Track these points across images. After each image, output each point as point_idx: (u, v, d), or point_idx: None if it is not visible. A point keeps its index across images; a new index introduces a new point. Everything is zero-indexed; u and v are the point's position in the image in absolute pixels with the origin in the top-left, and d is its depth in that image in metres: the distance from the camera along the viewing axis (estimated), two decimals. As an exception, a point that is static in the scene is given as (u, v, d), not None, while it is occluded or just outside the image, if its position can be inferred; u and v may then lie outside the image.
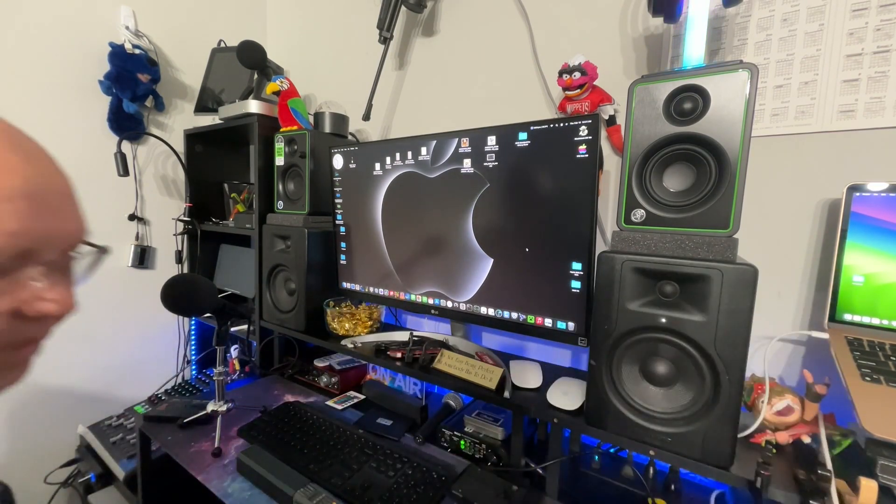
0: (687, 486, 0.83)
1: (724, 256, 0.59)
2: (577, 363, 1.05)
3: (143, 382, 1.51)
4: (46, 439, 1.31)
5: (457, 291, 0.98)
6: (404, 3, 1.16)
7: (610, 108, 0.93)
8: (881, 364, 0.59)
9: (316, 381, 1.23)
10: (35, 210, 0.30)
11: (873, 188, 0.66)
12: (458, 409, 0.97)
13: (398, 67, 1.35)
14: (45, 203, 0.31)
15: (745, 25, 0.81)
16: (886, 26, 0.70)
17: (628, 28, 0.94)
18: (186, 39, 1.54)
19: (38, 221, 0.31)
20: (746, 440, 0.67)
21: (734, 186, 0.58)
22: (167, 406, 1.07)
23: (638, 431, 0.66)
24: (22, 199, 0.29)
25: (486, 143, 0.88)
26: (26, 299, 0.32)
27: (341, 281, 1.22)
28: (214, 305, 0.91)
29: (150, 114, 1.47)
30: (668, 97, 0.62)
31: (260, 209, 1.30)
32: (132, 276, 1.47)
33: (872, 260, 0.66)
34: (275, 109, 1.23)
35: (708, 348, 0.60)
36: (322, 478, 0.78)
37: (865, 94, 0.72)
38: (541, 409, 0.79)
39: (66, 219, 0.33)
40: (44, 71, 1.25)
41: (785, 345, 0.82)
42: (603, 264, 0.67)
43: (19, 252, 0.30)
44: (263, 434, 0.93)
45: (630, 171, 0.65)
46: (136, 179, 1.46)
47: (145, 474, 1.04)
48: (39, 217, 0.31)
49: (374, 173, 1.08)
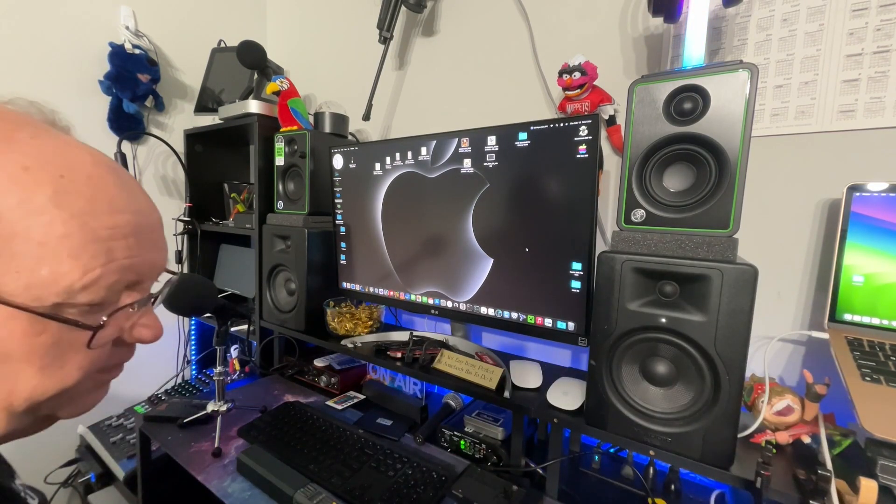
0: (687, 486, 0.83)
1: (724, 256, 0.59)
2: (577, 363, 1.05)
3: (143, 382, 1.50)
4: (46, 439, 1.29)
5: (457, 291, 0.98)
6: (404, 3, 1.16)
7: (610, 108, 0.93)
8: (881, 364, 0.59)
9: (316, 381, 1.22)
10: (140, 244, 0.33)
11: (873, 188, 0.66)
12: (458, 409, 0.97)
13: (398, 67, 1.35)
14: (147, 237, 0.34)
15: (745, 25, 0.81)
16: (886, 26, 0.70)
17: (628, 28, 0.94)
18: (186, 39, 1.54)
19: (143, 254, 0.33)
20: (746, 440, 0.67)
21: (734, 186, 0.58)
22: (167, 406, 1.07)
23: (638, 431, 0.66)
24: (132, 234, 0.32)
25: (486, 143, 0.88)
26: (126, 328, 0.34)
27: (341, 281, 1.22)
28: (214, 305, 0.91)
29: (150, 114, 1.47)
30: (668, 97, 0.62)
31: (260, 209, 1.30)
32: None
33: (872, 260, 0.66)
34: (275, 109, 1.23)
35: (708, 348, 0.60)
36: (322, 478, 0.78)
37: (865, 94, 0.72)
38: (541, 409, 0.79)
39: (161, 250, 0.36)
40: (44, 71, 1.25)
41: (785, 345, 0.82)
42: (603, 264, 0.67)
43: (128, 284, 0.33)
44: (263, 434, 0.93)
45: (630, 171, 0.65)
46: (136, 179, 1.45)
47: (145, 474, 1.04)
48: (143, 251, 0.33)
49: (374, 173, 1.08)
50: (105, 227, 0.30)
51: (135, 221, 0.32)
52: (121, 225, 0.31)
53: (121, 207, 0.32)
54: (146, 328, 0.35)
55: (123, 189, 0.33)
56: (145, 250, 0.33)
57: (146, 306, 0.36)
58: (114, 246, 0.31)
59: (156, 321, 0.37)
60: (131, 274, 0.32)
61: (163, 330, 0.37)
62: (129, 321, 0.34)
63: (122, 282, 0.32)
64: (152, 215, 0.35)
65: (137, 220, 0.33)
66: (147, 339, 0.36)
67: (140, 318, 0.35)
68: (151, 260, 0.34)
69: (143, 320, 0.35)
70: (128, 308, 0.33)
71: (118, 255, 0.31)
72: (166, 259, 0.37)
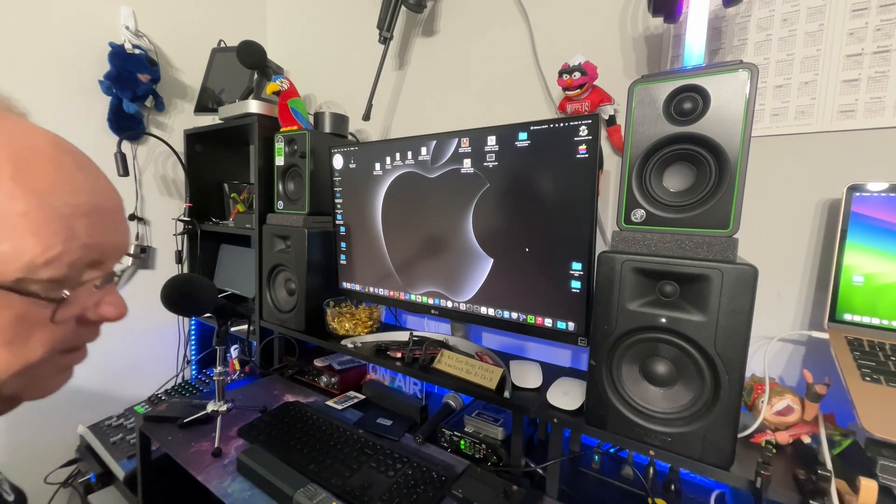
0: (687, 486, 0.83)
1: (724, 256, 0.59)
2: (577, 363, 1.05)
3: (143, 382, 1.50)
4: (46, 439, 1.31)
5: (457, 291, 0.98)
6: (404, 3, 1.16)
7: (610, 108, 0.93)
8: (881, 364, 0.59)
9: (316, 381, 1.22)
10: (101, 224, 0.34)
11: (873, 188, 0.66)
12: (458, 409, 0.97)
13: (398, 67, 1.35)
14: (107, 217, 0.35)
15: (745, 25, 0.81)
16: (886, 26, 0.70)
17: (628, 28, 0.94)
18: (186, 39, 1.54)
19: (104, 235, 0.34)
20: (746, 440, 0.67)
21: (734, 186, 0.58)
22: (167, 406, 1.07)
23: (638, 431, 0.66)
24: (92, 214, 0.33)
25: (486, 143, 0.88)
26: (89, 306, 0.35)
27: (341, 281, 1.22)
28: (214, 305, 0.91)
29: (150, 114, 1.47)
30: (668, 97, 0.62)
31: (260, 209, 1.30)
32: (132, 276, 1.47)
33: (872, 260, 0.66)
34: (275, 109, 1.23)
35: (708, 348, 0.60)
36: (322, 478, 0.78)
37: (865, 94, 0.72)
38: (541, 409, 0.79)
39: (122, 231, 0.37)
40: (44, 71, 1.25)
41: (785, 345, 0.82)
42: (603, 264, 0.67)
43: (90, 263, 0.33)
44: (263, 434, 0.93)
45: (630, 171, 0.65)
46: (136, 179, 1.45)
47: (145, 474, 1.04)
48: (105, 230, 0.34)
49: (374, 173, 1.08)
50: (66, 206, 0.31)
51: (96, 202, 0.33)
52: (82, 204, 0.32)
53: (82, 188, 0.32)
54: (110, 306, 0.36)
55: (83, 170, 0.33)
56: (107, 231, 0.34)
57: (110, 285, 0.36)
58: (75, 224, 0.31)
59: (120, 300, 0.37)
60: (93, 252, 0.33)
61: (127, 309, 0.38)
62: (91, 298, 0.35)
63: (83, 259, 0.33)
64: (113, 198, 0.36)
65: (98, 201, 0.34)
66: (112, 317, 0.37)
67: (104, 297, 0.36)
68: (113, 241, 0.35)
69: (107, 298, 0.36)
70: (90, 285, 0.34)
71: (80, 233, 0.31)
72: (128, 242, 0.38)
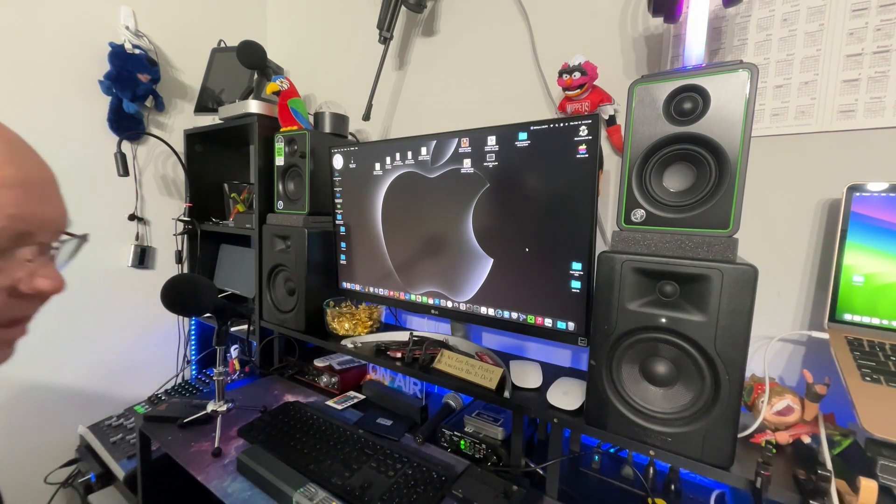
0: (687, 486, 0.83)
1: (724, 256, 0.59)
2: (577, 363, 1.05)
3: (143, 382, 1.51)
4: (46, 439, 1.31)
5: (457, 291, 0.98)
6: (404, 3, 1.16)
7: (610, 108, 0.93)
8: (881, 364, 0.59)
9: (316, 381, 1.22)
10: (29, 196, 0.34)
11: (873, 188, 0.66)
12: (458, 409, 0.97)
13: (398, 67, 1.35)
14: (36, 190, 0.35)
15: (745, 25, 0.81)
16: (886, 26, 0.70)
17: (628, 28, 0.94)
18: (186, 39, 1.54)
19: (33, 207, 0.34)
20: (746, 440, 0.67)
21: (734, 186, 0.58)
22: (167, 406, 1.07)
23: (638, 431, 0.66)
24: (18, 186, 0.33)
25: (486, 143, 0.88)
26: (22, 278, 0.35)
27: (341, 281, 1.22)
28: (214, 305, 0.91)
29: (150, 114, 1.47)
30: (668, 97, 0.62)
31: (260, 209, 1.30)
32: (132, 277, 1.47)
33: (872, 260, 0.66)
34: (275, 109, 1.23)
35: (708, 348, 0.60)
36: (322, 478, 0.78)
37: (865, 94, 0.72)
38: (541, 409, 0.79)
39: (55, 205, 0.37)
40: (44, 71, 1.25)
41: (785, 345, 0.82)
42: (603, 264, 0.67)
43: (17, 234, 0.34)
44: (263, 434, 0.93)
45: (630, 171, 0.65)
46: (136, 179, 1.45)
47: (145, 474, 1.04)
48: (33, 203, 0.34)
49: (374, 173, 1.08)
50: None
51: (21, 175, 0.33)
52: (5, 176, 0.32)
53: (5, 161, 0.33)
54: (45, 279, 0.36)
55: (7, 143, 0.34)
56: (36, 203, 0.34)
57: (44, 257, 0.37)
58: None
59: (55, 273, 0.37)
60: (20, 223, 0.33)
61: (63, 283, 0.38)
62: (22, 270, 0.35)
63: (9, 229, 0.33)
64: (43, 171, 0.36)
65: (24, 173, 0.34)
66: (47, 290, 0.36)
67: (39, 269, 0.36)
68: (43, 213, 0.35)
69: (42, 271, 0.36)
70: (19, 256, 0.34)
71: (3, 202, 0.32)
72: (64, 216, 0.38)
